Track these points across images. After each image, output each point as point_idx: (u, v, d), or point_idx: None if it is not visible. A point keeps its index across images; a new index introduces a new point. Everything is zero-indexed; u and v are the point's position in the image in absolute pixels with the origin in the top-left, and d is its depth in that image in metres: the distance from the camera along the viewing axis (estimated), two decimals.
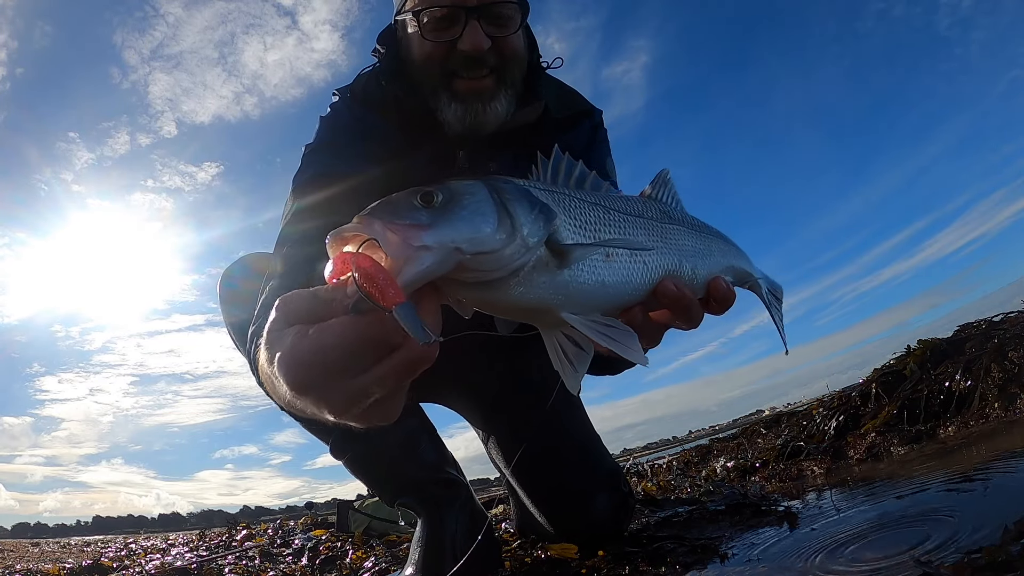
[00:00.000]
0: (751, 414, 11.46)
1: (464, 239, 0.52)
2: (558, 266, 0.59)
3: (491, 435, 1.75)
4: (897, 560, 0.96)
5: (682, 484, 2.59)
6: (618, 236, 0.67)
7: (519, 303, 0.57)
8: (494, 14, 1.18)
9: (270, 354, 0.53)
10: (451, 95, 1.22)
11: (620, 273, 0.65)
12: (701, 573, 1.20)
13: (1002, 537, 0.89)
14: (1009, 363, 2.08)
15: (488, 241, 0.53)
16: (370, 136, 1.32)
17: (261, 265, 1.39)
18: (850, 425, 2.48)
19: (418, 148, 1.31)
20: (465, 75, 1.21)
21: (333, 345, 0.49)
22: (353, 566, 1.93)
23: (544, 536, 1.66)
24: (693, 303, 0.74)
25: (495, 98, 1.23)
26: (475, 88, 1.22)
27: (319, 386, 0.51)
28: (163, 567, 2.30)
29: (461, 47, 1.17)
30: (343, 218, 0.51)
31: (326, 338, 0.49)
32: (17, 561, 4.14)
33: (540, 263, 0.57)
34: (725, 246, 0.92)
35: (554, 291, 0.58)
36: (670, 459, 3.89)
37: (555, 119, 1.36)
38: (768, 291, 1.05)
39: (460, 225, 0.52)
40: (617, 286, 0.65)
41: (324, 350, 0.49)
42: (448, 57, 1.20)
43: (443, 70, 1.21)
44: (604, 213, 0.67)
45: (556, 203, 0.62)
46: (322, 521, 3.64)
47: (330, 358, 0.49)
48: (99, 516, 41.50)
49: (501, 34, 1.19)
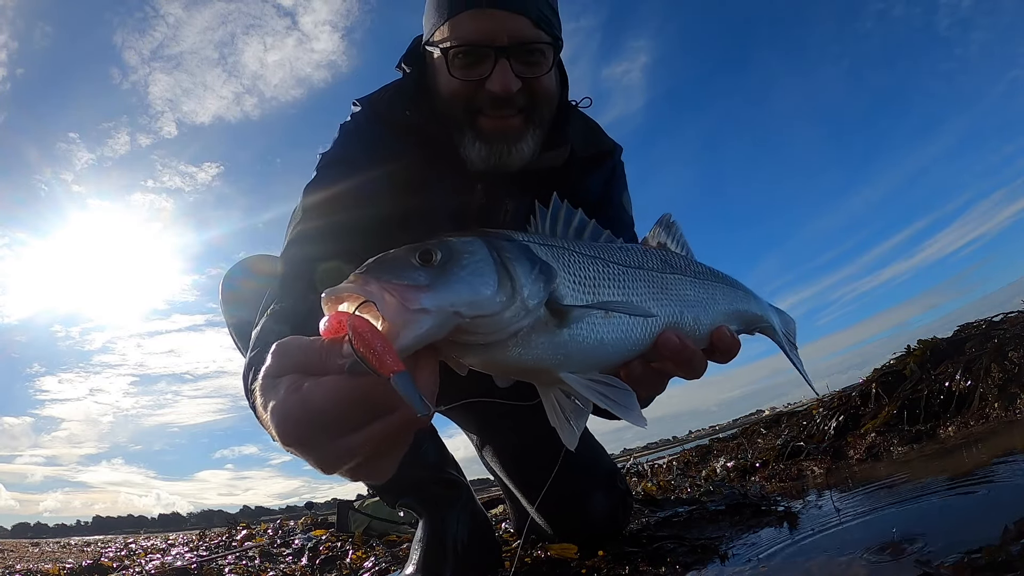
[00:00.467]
0: (751, 414, 11.46)
1: (464, 303, 0.51)
2: (557, 326, 0.57)
3: (486, 442, 1.74)
4: (897, 560, 0.96)
5: (682, 484, 2.59)
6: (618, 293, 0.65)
7: (517, 364, 0.56)
8: (525, 53, 1.13)
9: (264, 400, 0.52)
10: (476, 133, 1.18)
11: (619, 330, 0.64)
12: (701, 573, 1.20)
13: (1002, 537, 0.89)
14: (1009, 363, 2.08)
15: (488, 304, 0.52)
16: (389, 159, 1.27)
17: (261, 267, 1.39)
18: (850, 425, 2.48)
19: (436, 176, 1.28)
20: (491, 114, 1.16)
21: (324, 403, 0.48)
22: (353, 566, 1.93)
23: (544, 537, 1.66)
24: (695, 355, 0.72)
25: (522, 139, 1.19)
26: (501, 128, 1.17)
27: (306, 442, 0.50)
28: (163, 567, 2.30)
29: (490, 87, 1.12)
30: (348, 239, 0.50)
31: (318, 395, 0.48)
32: (17, 561, 4.14)
33: (539, 324, 0.56)
34: (731, 292, 0.89)
35: (552, 351, 0.57)
36: (670, 459, 3.90)
37: (579, 159, 1.33)
38: (783, 334, 1.01)
39: (460, 288, 0.51)
40: (616, 343, 0.64)
41: (314, 407, 0.48)
42: (475, 95, 1.15)
43: (468, 107, 1.17)
44: (604, 267, 0.66)
45: (556, 259, 0.61)
46: (322, 521, 3.64)
47: (320, 416, 0.48)
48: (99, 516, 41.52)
49: (532, 75, 1.14)
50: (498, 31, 1.10)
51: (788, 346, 1.02)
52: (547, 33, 1.15)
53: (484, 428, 1.74)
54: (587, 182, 1.38)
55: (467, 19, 1.11)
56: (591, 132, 1.41)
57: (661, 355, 0.69)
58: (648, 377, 0.70)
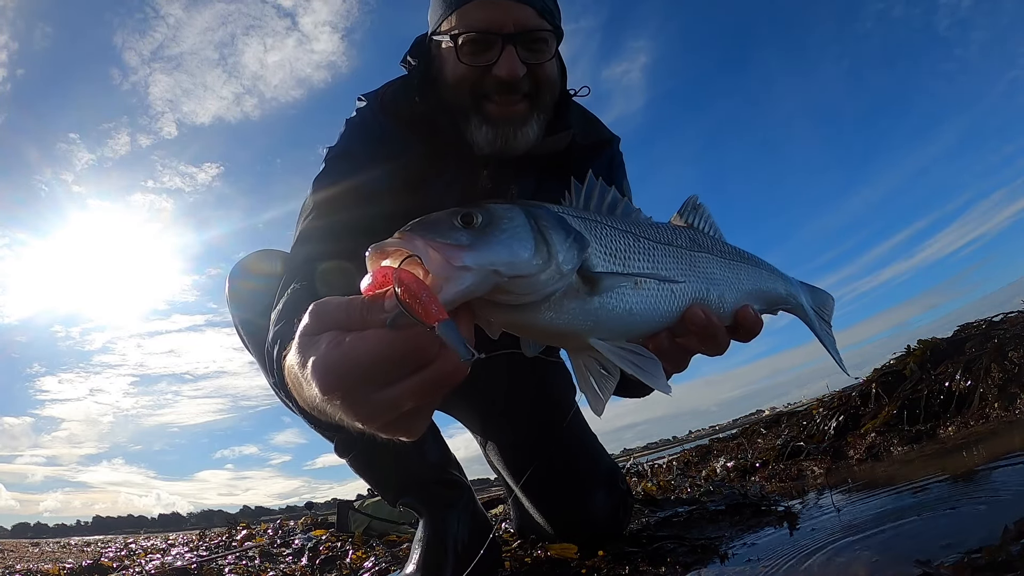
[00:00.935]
0: (751, 414, 11.46)
1: (503, 262, 0.53)
2: (588, 293, 0.60)
3: (488, 439, 1.75)
4: (897, 560, 0.96)
5: (682, 484, 2.59)
6: (647, 266, 0.68)
7: (549, 327, 0.59)
8: (531, 40, 1.18)
9: (302, 358, 0.53)
10: (482, 118, 1.22)
11: (648, 301, 0.66)
12: (701, 573, 1.20)
13: (1002, 537, 0.89)
14: (1009, 363, 2.08)
15: (525, 266, 0.54)
16: (392, 154, 1.31)
17: (260, 267, 1.40)
18: (850, 425, 2.48)
19: (441, 164, 1.31)
20: (497, 99, 1.20)
21: (367, 355, 0.50)
22: (353, 566, 1.93)
23: (544, 537, 1.66)
24: (720, 330, 0.74)
25: (527, 123, 1.23)
26: (507, 113, 1.21)
27: (350, 394, 0.51)
28: (163, 567, 2.30)
29: (497, 73, 1.16)
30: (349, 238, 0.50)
31: (361, 348, 0.50)
32: (17, 561, 4.14)
33: (571, 290, 0.58)
34: (756, 272, 0.89)
35: (583, 317, 0.60)
36: (670, 459, 3.90)
37: (579, 146, 1.36)
38: (814, 311, 1.00)
39: (499, 248, 0.54)
40: (644, 314, 0.66)
41: (358, 359, 0.50)
42: (482, 81, 1.19)
43: (475, 93, 1.21)
44: (634, 241, 0.68)
45: (589, 231, 0.63)
46: (322, 521, 3.64)
47: (363, 368, 0.50)
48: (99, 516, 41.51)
49: (536, 61, 1.19)
50: (505, 19, 1.15)
51: (819, 324, 1.01)
52: (549, 22, 1.21)
53: (487, 426, 1.75)
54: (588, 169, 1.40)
55: (475, 7, 1.17)
56: (589, 122, 1.45)
57: (687, 329, 0.71)
58: (673, 351, 0.72)
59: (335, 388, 0.51)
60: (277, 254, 1.40)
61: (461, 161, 1.29)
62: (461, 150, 1.27)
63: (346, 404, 0.52)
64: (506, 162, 1.28)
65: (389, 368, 0.50)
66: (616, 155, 1.50)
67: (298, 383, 0.58)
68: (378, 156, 1.31)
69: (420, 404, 0.54)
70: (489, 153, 1.25)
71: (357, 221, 1.26)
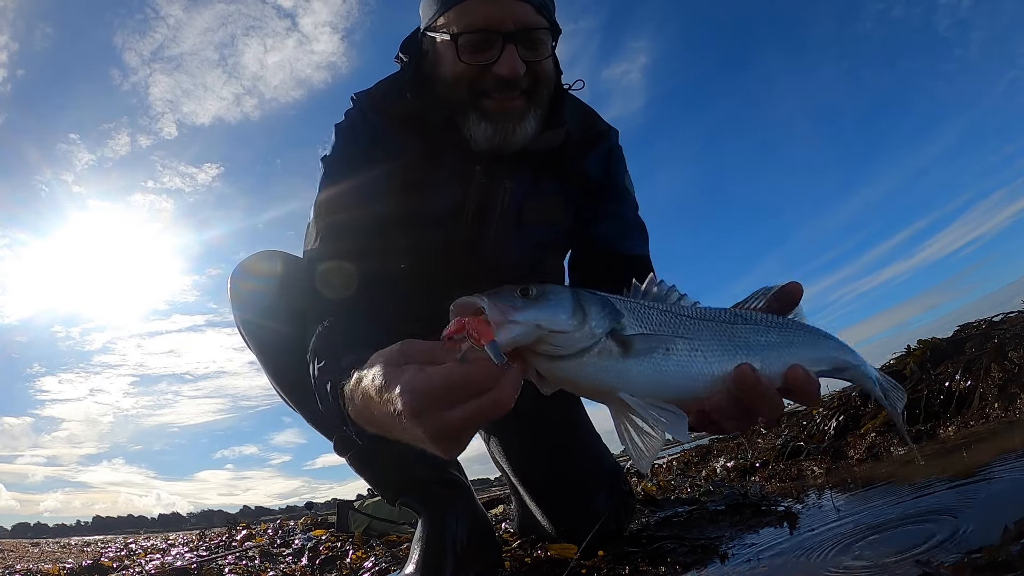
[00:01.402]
0: None
1: (544, 319, 0.68)
2: (622, 355, 0.71)
3: (492, 435, 1.75)
4: (897, 560, 0.96)
5: (682, 484, 2.59)
6: (678, 334, 0.76)
7: (583, 377, 0.70)
8: (530, 39, 1.18)
9: (387, 381, 0.68)
10: (480, 114, 1.22)
11: (679, 364, 0.75)
12: (701, 573, 1.20)
13: (1002, 537, 0.89)
14: (1009, 363, 2.07)
15: (562, 324, 0.69)
16: (389, 151, 1.32)
17: (259, 267, 1.41)
18: (850, 425, 2.48)
19: (435, 161, 1.31)
20: (496, 96, 1.21)
21: (443, 381, 0.64)
22: (353, 566, 1.93)
23: (544, 536, 1.66)
24: (767, 389, 0.76)
25: (524, 119, 1.24)
26: (506, 108, 1.22)
27: (427, 411, 0.64)
28: (163, 567, 2.30)
29: (498, 71, 1.17)
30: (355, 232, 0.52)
31: (439, 375, 0.64)
32: (17, 561, 4.14)
33: (604, 349, 0.70)
34: (812, 338, 0.88)
35: (614, 374, 0.71)
36: (670, 459, 3.89)
37: (575, 140, 1.36)
38: (880, 385, 0.97)
39: (543, 310, 0.69)
40: (676, 373, 0.74)
41: (437, 383, 0.64)
42: (481, 78, 1.20)
43: (473, 90, 1.21)
44: (671, 317, 0.77)
45: (627, 308, 0.75)
46: (322, 521, 3.64)
47: (440, 390, 0.64)
48: (99, 516, 41.50)
49: (536, 58, 1.20)
50: (505, 17, 1.15)
51: (890, 400, 0.98)
52: (547, 18, 1.21)
53: (492, 422, 1.75)
54: (584, 163, 1.42)
55: (476, 5, 1.16)
56: (585, 114, 1.45)
57: (739, 388, 0.75)
58: (732, 410, 0.76)
59: (417, 404, 0.64)
60: (278, 255, 1.41)
61: (455, 158, 1.30)
62: (456, 147, 1.27)
63: (420, 419, 0.65)
64: (502, 158, 1.28)
65: (458, 392, 0.64)
66: (615, 148, 1.49)
67: (368, 401, 0.74)
68: (373, 158, 1.31)
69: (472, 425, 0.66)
70: (487, 149, 1.25)
71: (357, 223, 1.28)
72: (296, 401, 1.42)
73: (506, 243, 1.38)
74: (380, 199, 1.30)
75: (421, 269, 1.45)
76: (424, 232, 1.36)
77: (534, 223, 1.38)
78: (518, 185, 1.34)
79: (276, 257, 1.41)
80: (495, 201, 1.33)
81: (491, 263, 1.40)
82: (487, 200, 1.33)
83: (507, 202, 1.34)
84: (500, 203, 1.34)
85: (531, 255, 1.44)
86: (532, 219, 1.38)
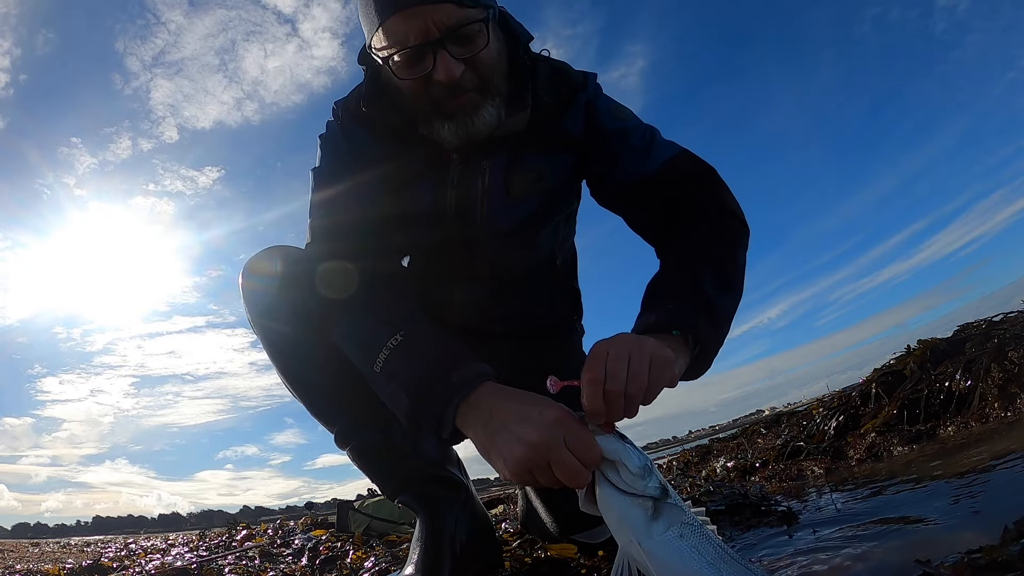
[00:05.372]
0: (751, 414, 11.45)
1: (622, 455, 0.89)
2: (652, 516, 0.86)
3: None
4: (897, 560, 0.96)
5: (682, 484, 2.59)
6: (704, 543, 0.86)
7: (617, 512, 0.88)
8: (458, 37, 1.14)
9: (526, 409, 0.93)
10: (442, 116, 1.22)
11: (683, 550, 0.85)
12: None
13: (1002, 537, 0.89)
14: (1009, 363, 2.07)
15: (631, 465, 0.88)
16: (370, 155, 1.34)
17: (260, 267, 1.42)
18: (850, 425, 2.48)
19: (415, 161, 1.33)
20: (448, 99, 1.21)
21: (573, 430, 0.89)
22: (353, 566, 1.93)
23: (545, 536, 1.66)
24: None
25: (481, 108, 1.22)
26: (461, 103, 1.21)
27: (550, 441, 0.87)
28: (163, 567, 2.30)
29: (437, 78, 1.16)
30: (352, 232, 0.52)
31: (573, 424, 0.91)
32: (17, 561, 4.14)
33: (644, 504, 0.87)
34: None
35: (638, 524, 0.86)
36: (670, 459, 3.90)
37: (549, 105, 1.33)
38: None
39: (629, 451, 0.90)
40: (680, 552, 0.85)
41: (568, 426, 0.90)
42: (429, 88, 1.19)
43: (429, 98, 1.21)
44: (703, 531, 0.88)
45: (674, 494, 0.90)
46: (322, 521, 3.64)
47: (566, 432, 0.88)
48: (99, 516, 41.49)
49: (472, 53, 1.17)
50: (426, 25, 1.12)
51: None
52: (473, 7, 1.15)
53: None
54: (561, 127, 1.38)
55: (396, 23, 1.13)
56: (557, 73, 1.38)
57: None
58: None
59: (551, 432, 0.88)
60: (278, 254, 1.41)
61: (432, 153, 1.31)
62: (430, 145, 1.29)
63: (519, 477, 0.90)
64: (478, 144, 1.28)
65: (573, 441, 0.87)
66: (591, 99, 1.41)
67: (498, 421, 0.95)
68: (354, 165, 1.34)
69: (550, 473, 0.88)
70: (458, 145, 1.26)
71: (351, 224, 1.31)
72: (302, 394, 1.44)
73: (495, 217, 1.39)
74: (369, 203, 1.33)
75: (418, 266, 1.48)
76: (415, 230, 1.39)
77: (522, 195, 1.38)
78: (497, 163, 1.34)
79: (276, 256, 1.42)
80: (475, 181, 1.35)
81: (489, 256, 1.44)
82: (468, 181, 1.34)
83: (488, 180, 1.35)
84: (482, 183, 1.35)
85: (524, 224, 1.44)
86: (519, 191, 1.37)
